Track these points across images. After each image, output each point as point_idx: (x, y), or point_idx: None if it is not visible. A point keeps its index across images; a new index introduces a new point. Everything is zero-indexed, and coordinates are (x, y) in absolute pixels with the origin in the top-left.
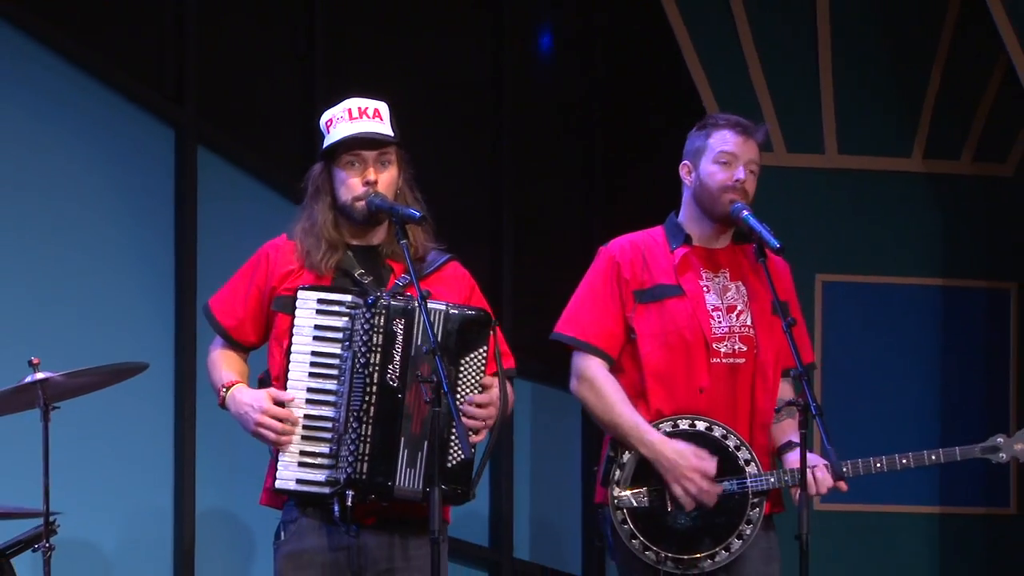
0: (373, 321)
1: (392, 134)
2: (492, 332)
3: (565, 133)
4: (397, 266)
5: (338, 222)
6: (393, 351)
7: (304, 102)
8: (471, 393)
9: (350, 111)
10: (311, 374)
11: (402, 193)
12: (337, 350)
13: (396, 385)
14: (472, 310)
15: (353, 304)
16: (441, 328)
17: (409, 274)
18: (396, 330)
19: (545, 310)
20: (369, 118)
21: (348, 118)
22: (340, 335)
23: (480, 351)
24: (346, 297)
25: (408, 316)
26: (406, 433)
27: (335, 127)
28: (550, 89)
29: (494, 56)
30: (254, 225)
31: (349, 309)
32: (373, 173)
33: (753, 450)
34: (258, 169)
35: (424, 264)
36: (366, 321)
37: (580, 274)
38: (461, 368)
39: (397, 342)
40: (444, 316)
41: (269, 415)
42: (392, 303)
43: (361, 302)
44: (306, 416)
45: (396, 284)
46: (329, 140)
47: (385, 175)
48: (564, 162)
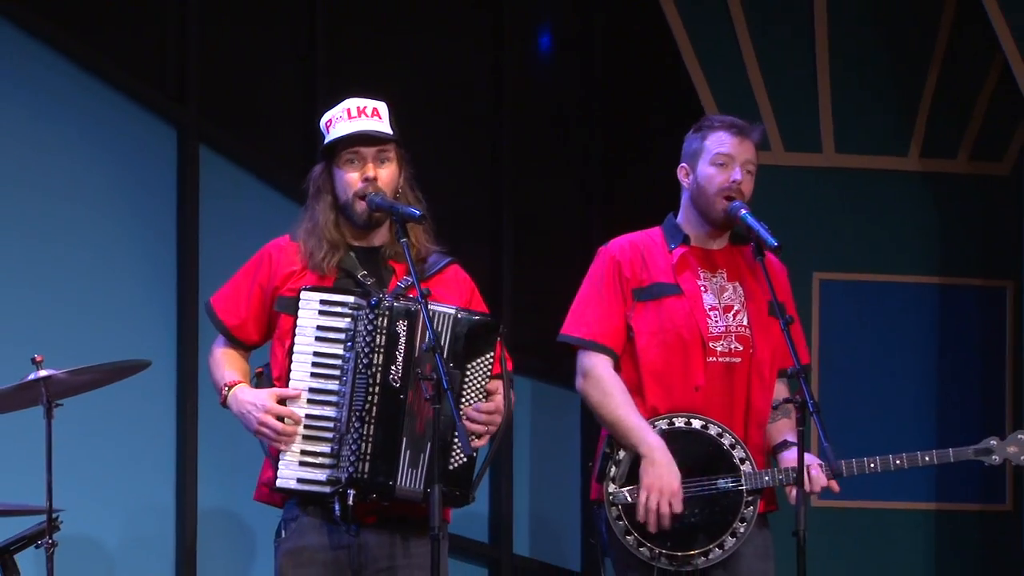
0: (376, 322)
1: (391, 132)
2: (499, 338)
3: (564, 133)
4: (399, 267)
5: (339, 222)
6: (396, 352)
7: (305, 101)
8: (476, 397)
9: (349, 111)
10: (313, 374)
11: (403, 192)
12: (339, 351)
13: (398, 386)
14: (480, 315)
15: (356, 305)
16: (449, 332)
17: (410, 274)
18: (399, 331)
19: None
20: (368, 117)
21: (347, 117)
22: (342, 336)
23: (487, 356)
24: (349, 298)
25: (411, 318)
26: (408, 433)
27: (334, 127)
28: (549, 89)
29: (494, 56)
30: (255, 224)
31: (352, 310)
32: (372, 170)
33: (748, 449)
34: (259, 168)
35: (425, 266)
36: (369, 322)
37: (579, 273)
38: (467, 372)
39: (400, 343)
40: (453, 320)
41: (272, 414)
42: (395, 304)
43: (364, 303)
44: (308, 416)
45: (398, 286)
46: (328, 140)
47: (384, 172)
48: (563, 162)
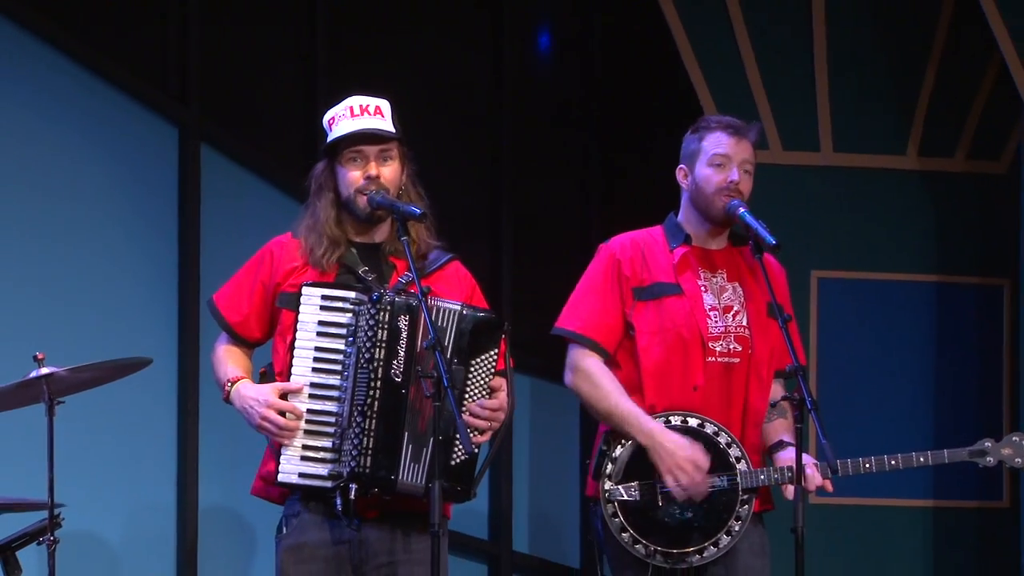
0: (378, 317)
1: (394, 130)
2: (503, 335)
3: (564, 132)
4: (400, 263)
5: (341, 218)
6: (397, 347)
7: (306, 101)
8: (480, 394)
9: (352, 109)
10: (314, 369)
11: (405, 190)
12: (340, 346)
13: (400, 381)
14: (485, 313)
15: (357, 300)
16: (454, 328)
17: (411, 271)
18: (400, 326)
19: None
20: (371, 115)
21: (350, 115)
22: (344, 331)
23: (491, 353)
24: (350, 294)
25: (413, 313)
26: (410, 428)
27: (337, 124)
28: (549, 89)
29: (494, 56)
30: (257, 222)
31: (353, 305)
32: (375, 168)
33: (744, 448)
34: (261, 167)
35: (426, 263)
36: (371, 317)
37: (578, 271)
38: (471, 369)
39: (401, 338)
40: (458, 316)
41: (274, 409)
42: (397, 300)
43: (365, 298)
44: (309, 411)
45: (399, 282)
46: (331, 137)
47: (387, 171)
48: (563, 161)
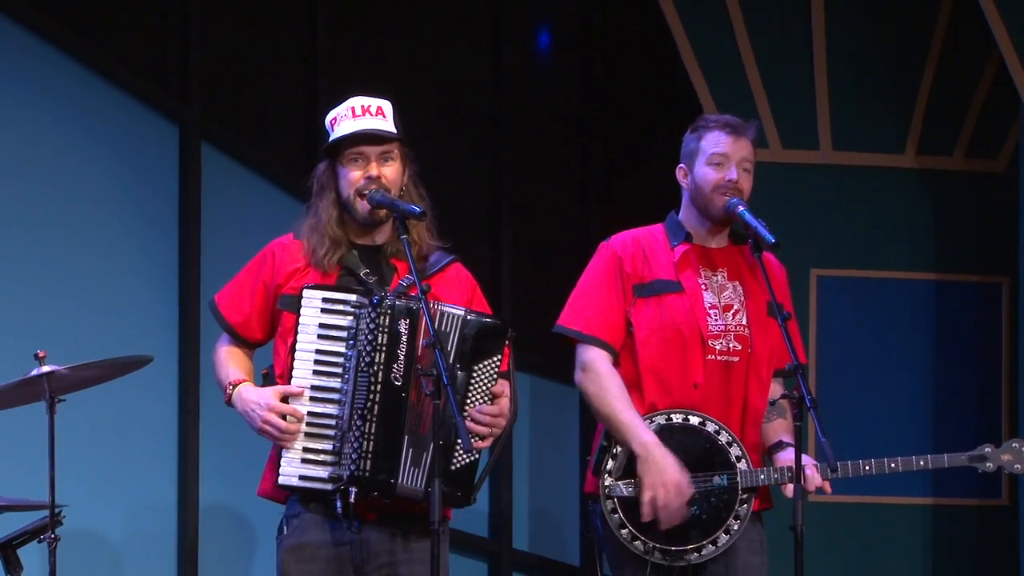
0: (378, 320)
1: (395, 131)
2: (507, 342)
3: (563, 132)
4: (401, 265)
5: (343, 219)
6: (398, 350)
7: (307, 99)
8: (482, 399)
9: (353, 109)
10: (315, 372)
11: (407, 190)
12: (341, 349)
13: (400, 384)
14: (490, 318)
15: (358, 303)
16: (457, 333)
17: (412, 272)
18: (401, 330)
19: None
20: (372, 115)
21: (351, 116)
22: (344, 334)
23: (494, 359)
24: (351, 296)
25: (413, 316)
26: (410, 432)
27: (339, 125)
28: (549, 88)
29: (493, 56)
30: (257, 221)
31: (354, 308)
32: (376, 168)
33: (744, 447)
34: (261, 166)
35: (427, 264)
36: (371, 320)
37: (578, 270)
38: (473, 374)
39: (402, 342)
40: (462, 321)
41: (275, 412)
42: (397, 303)
43: (366, 301)
44: (310, 413)
45: (400, 284)
46: (332, 138)
47: (388, 171)
48: (562, 160)
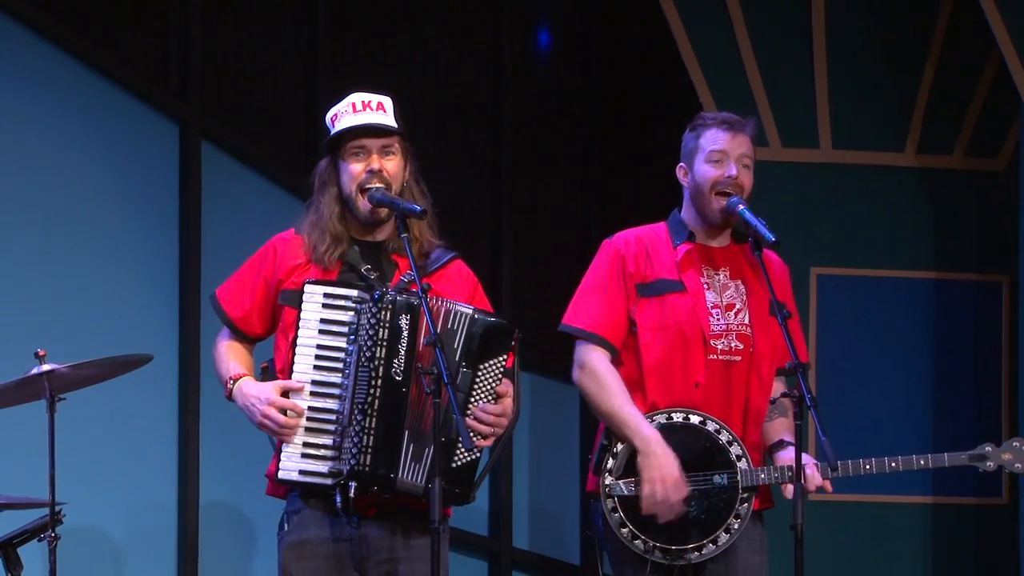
0: (380, 316)
1: (396, 125)
2: (514, 342)
3: (563, 130)
4: (402, 262)
5: (344, 215)
6: (398, 346)
7: (307, 98)
8: (486, 398)
9: (354, 105)
10: (316, 367)
11: (408, 185)
12: (342, 344)
13: (400, 380)
14: (497, 319)
15: (359, 299)
16: (465, 331)
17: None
18: (402, 325)
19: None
20: (372, 110)
21: (352, 111)
22: (345, 329)
23: (500, 359)
24: (352, 292)
25: (414, 312)
26: (411, 427)
27: (340, 121)
28: (549, 86)
29: (493, 54)
30: (257, 220)
31: (355, 304)
32: (377, 162)
33: (745, 446)
34: (261, 164)
35: (429, 261)
36: (372, 316)
37: (578, 269)
38: (479, 373)
39: (402, 337)
40: (469, 320)
41: (275, 407)
42: (398, 299)
43: (367, 297)
44: (310, 408)
45: (401, 280)
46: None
47: (389, 165)
48: (562, 158)
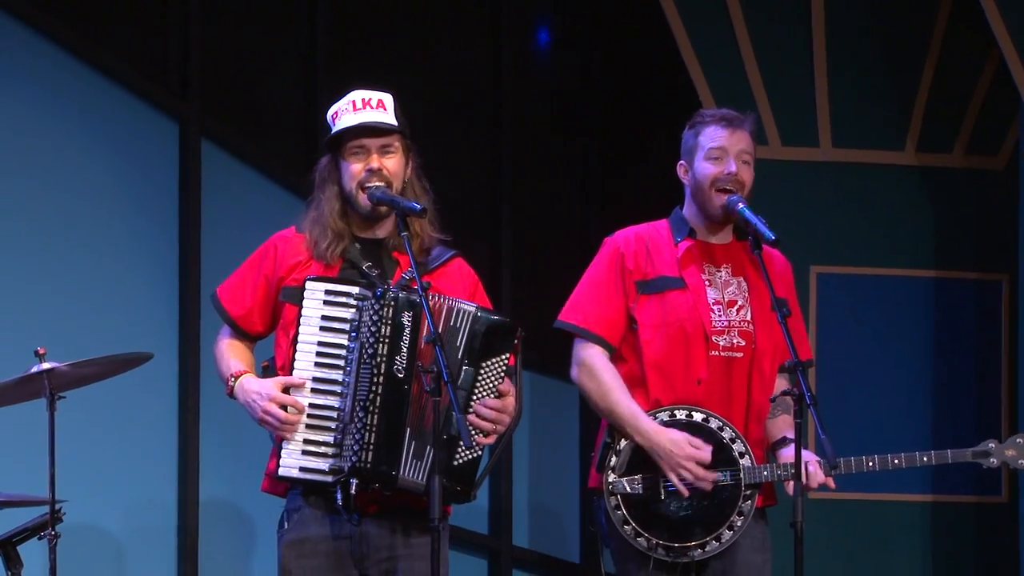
0: (382, 313)
1: (396, 123)
2: (517, 341)
3: (563, 129)
4: (403, 259)
5: (345, 212)
6: (400, 343)
7: (306, 96)
8: (488, 396)
9: (354, 103)
10: (317, 364)
11: (410, 183)
12: (343, 341)
13: (402, 376)
14: (500, 317)
15: (361, 296)
16: (467, 329)
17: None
18: (404, 322)
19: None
20: (372, 108)
21: (352, 109)
22: (347, 326)
23: (502, 357)
24: (354, 289)
25: (416, 309)
26: (412, 424)
27: (340, 119)
28: (548, 85)
29: (493, 53)
30: (257, 218)
31: (357, 300)
32: (376, 161)
33: (748, 443)
34: (261, 163)
35: (429, 259)
36: (375, 312)
37: (578, 269)
38: (481, 371)
39: (405, 334)
40: (472, 318)
41: (276, 403)
42: (400, 295)
43: (369, 294)
44: (311, 405)
45: (402, 278)
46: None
47: (389, 163)
48: (562, 157)
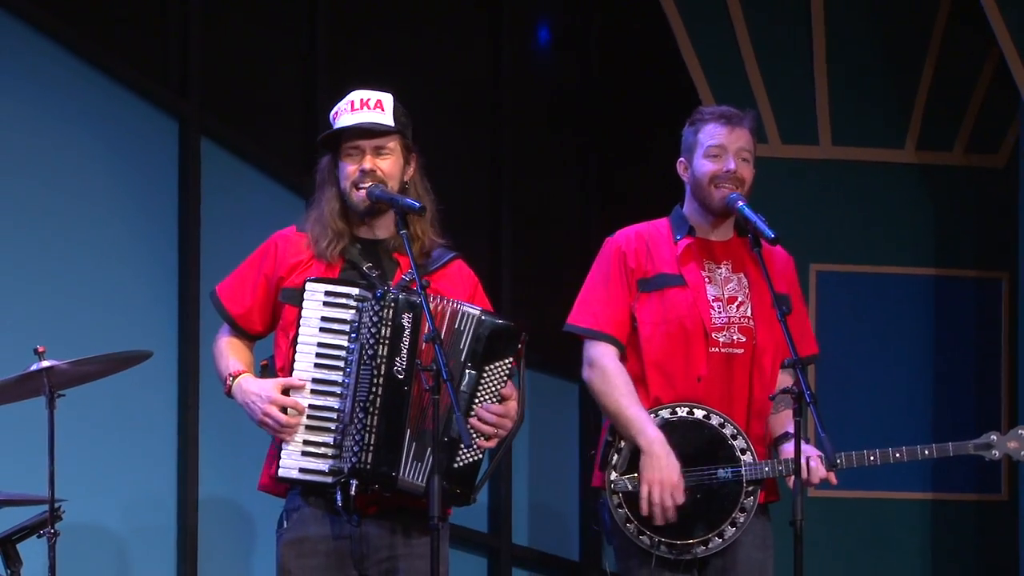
0: (382, 314)
1: (392, 124)
2: (520, 345)
3: (563, 128)
4: (403, 260)
5: (345, 212)
6: (400, 344)
7: (306, 96)
8: (491, 400)
9: (353, 103)
10: (317, 365)
11: (412, 184)
12: (343, 342)
13: (402, 378)
14: (504, 321)
15: (361, 297)
16: (471, 332)
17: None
18: (404, 323)
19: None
20: (370, 109)
21: (351, 109)
22: (347, 327)
23: (505, 361)
24: (353, 290)
25: (416, 310)
26: (413, 426)
27: (339, 119)
28: (548, 85)
29: (493, 53)
30: (256, 216)
31: (356, 302)
32: (370, 162)
33: (749, 439)
34: (261, 161)
35: (429, 260)
36: (375, 313)
37: (578, 267)
38: (484, 375)
39: (405, 335)
40: (476, 321)
41: (276, 405)
42: (400, 297)
43: (369, 295)
44: (311, 406)
45: (403, 279)
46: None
47: (384, 164)
48: (562, 157)
